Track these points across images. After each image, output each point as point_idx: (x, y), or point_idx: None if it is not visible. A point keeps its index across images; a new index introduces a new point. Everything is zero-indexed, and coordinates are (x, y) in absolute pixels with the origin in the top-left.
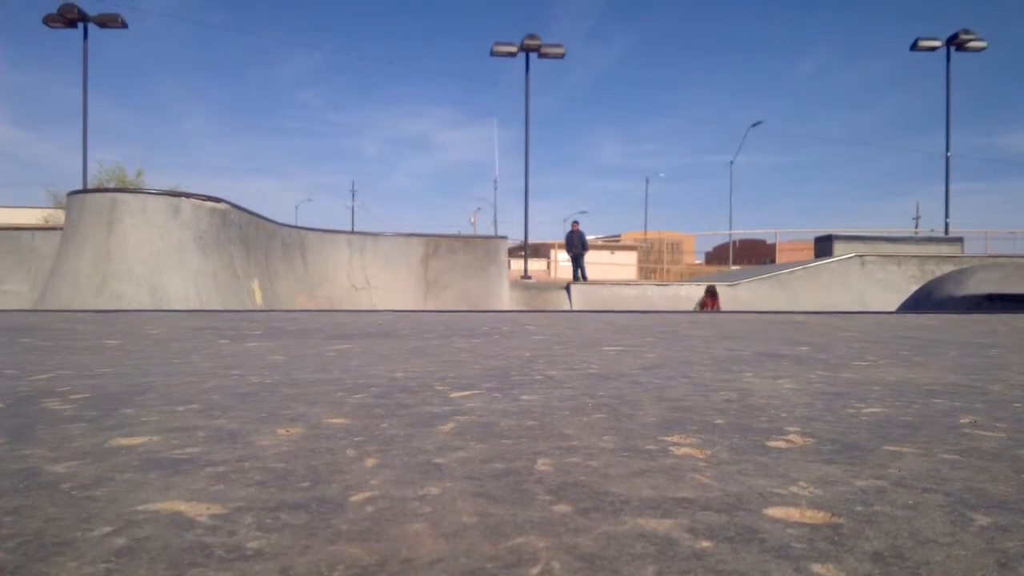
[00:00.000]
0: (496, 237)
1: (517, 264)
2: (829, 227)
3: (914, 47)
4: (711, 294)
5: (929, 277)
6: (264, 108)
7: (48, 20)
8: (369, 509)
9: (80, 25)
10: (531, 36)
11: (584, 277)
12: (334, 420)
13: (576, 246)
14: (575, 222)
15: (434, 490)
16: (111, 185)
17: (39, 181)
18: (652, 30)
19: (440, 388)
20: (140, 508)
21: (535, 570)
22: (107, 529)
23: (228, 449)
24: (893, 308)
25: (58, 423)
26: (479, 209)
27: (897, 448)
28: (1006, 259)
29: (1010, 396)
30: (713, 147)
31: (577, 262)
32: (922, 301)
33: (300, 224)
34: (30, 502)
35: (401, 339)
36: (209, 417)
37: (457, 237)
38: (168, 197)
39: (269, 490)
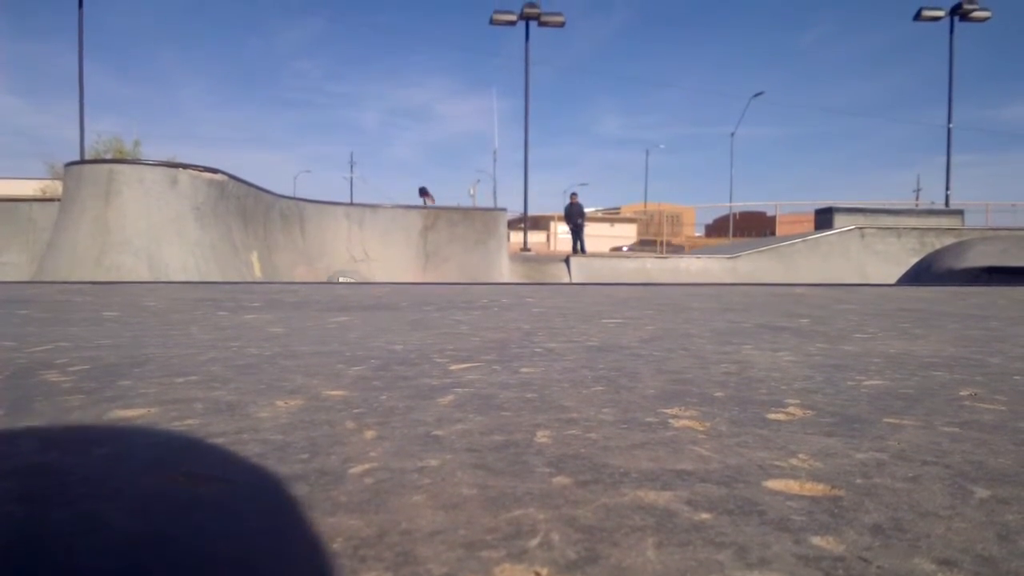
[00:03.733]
0: (495, 209)
1: (516, 236)
2: (830, 199)
3: (917, 17)
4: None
5: (929, 250)
6: (262, 79)
7: None
8: (368, 481)
9: None
10: (530, 4)
11: (583, 249)
12: (333, 392)
13: (575, 218)
14: (574, 194)
15: (433, 462)
16: (108, 156)
17: (36, 152)
18: None
19: (439, 360)
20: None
21: (534, 542)
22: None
23: (227, 420)
24: (893, 280)
25: (56, 395)
26: (478, 181)
27: (897, 420)
28: (1006, 232)
29: (1010, 369)
30: (713, 119)
31: (577, 234)
32: (922, 274)
33: (299, 196)
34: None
35: (400, 311)
36: (208, 389)
37: (456, 209)
38: (166, 168)
39: (268, 462)
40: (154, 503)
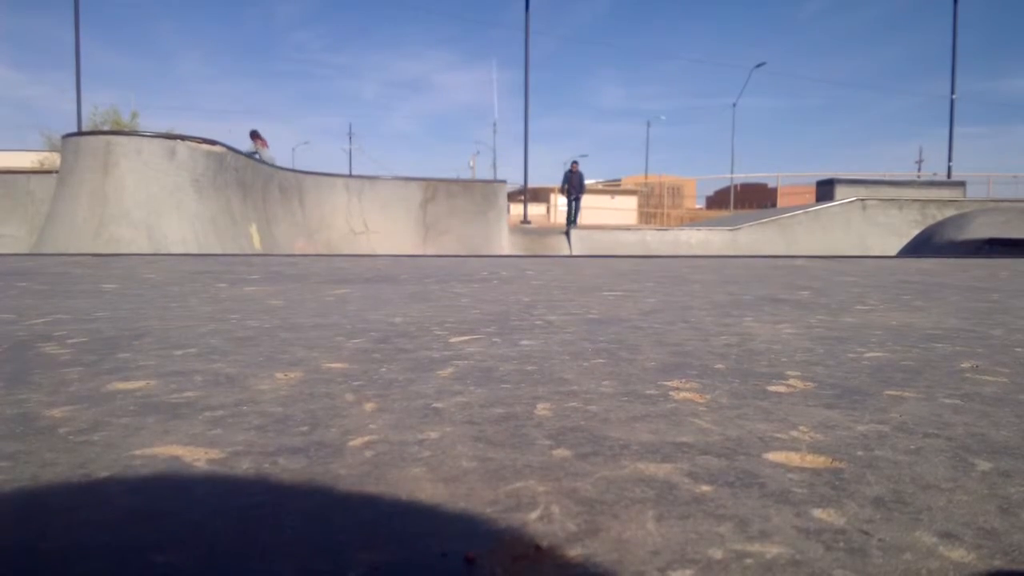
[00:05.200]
0: (495, 181)
1: (516, 209)
2: (831, 171)
3: None
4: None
5: (930, 221)
6: (261, 50)
7: None
8: (368, 453)
9: None
10: None
11: (575, 220)
12: (333, 364)
13: (575, 187)
14: (575, 162)
15: (433, 434)
16: (106, 128)
17: (33, 124)
18: None
19: (439, 333)
20: (137, 453)
21: (534, 514)
22: (104, 474)
23: (226, 393)
24: (894, 252)
25: (55, 367)
26: (478, 153)
27: (898, 393)
28: (1008, 203)
29: (1011, 341)
30: (715, 89)
31: (574, 204)
32: (923, 245)
33: (297, 168)
34: (27, 447)
35: (400, 284)
36: (207, 361)
37: (456, 181)
38: (164, 140)
39: (267, 434)
40: (153, 476)
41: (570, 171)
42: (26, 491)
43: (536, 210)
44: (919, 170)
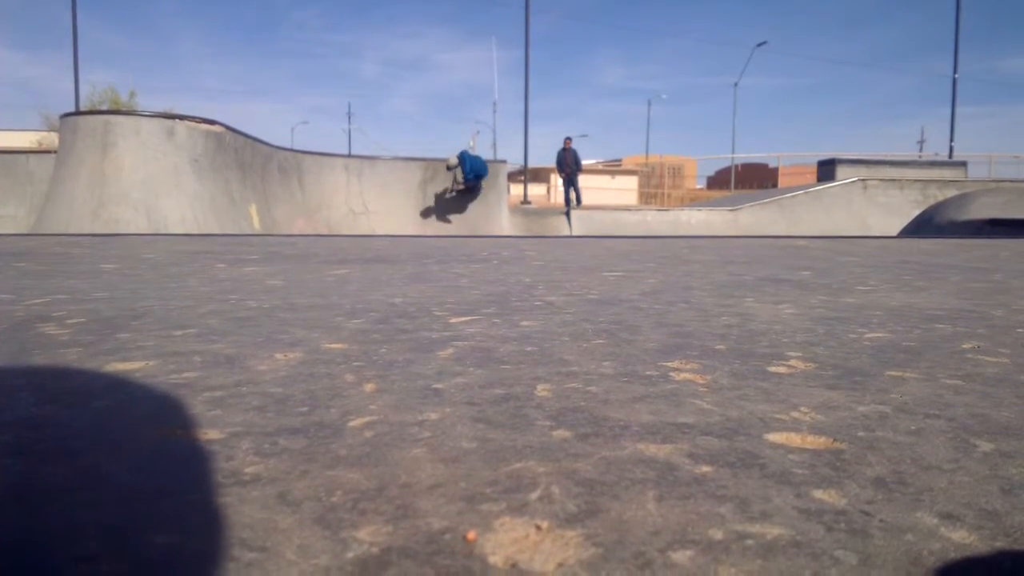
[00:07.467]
0: (495, 161)
1: (516, 189)
2: (832, 151)
3: None
4: None
5: (931, 202)
6: (260, 28)
7: None
8: (368, 434)
9: None
10: None
11: (579, 200)
12: (333, 345)
13: (569, 165)
14: (567, 139)
15: (433, 415)
16: (104, 107)
17: (32, 103)
18: None
19: (439, 313)
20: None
21: (535, 495)
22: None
23: (226, 374)
24: (895, 232)
25: (54, 348)
26: (478, 132)
27: (899, 373)
28: (1010, 184)
29: (1013, 321)
30: (716, 68)
31: (571, 184)
32: (924, 226)
33: (296, 147)
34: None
35: (399, 264)
36: (206, 341)
37: None
38: (162, 119)
39: (267, 415)
40: (153, 457)
41: (563, 149)
42: (23, 470)
43: (536, 190)
44: (921, 150)
